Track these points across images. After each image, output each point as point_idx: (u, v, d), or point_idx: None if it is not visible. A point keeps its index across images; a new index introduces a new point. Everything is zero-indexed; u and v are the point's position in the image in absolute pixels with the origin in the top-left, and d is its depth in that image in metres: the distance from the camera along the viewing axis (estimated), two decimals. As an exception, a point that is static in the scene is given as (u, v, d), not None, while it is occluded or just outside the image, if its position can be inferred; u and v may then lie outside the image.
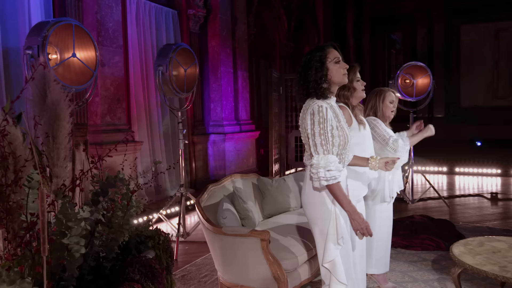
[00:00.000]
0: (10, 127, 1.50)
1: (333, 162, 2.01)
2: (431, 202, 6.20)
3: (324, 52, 2.15)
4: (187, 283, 3.39)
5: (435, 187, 6.18)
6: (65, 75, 3.24)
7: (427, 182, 6.20)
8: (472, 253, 2.78)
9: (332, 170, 1.98)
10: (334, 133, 2.07)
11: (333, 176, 1.99)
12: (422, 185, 7.49)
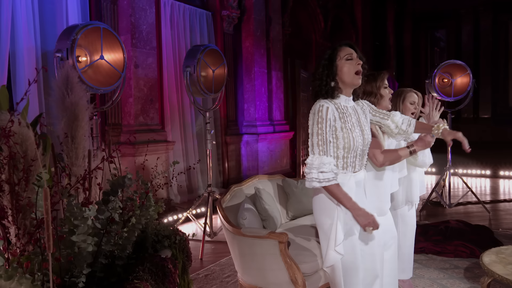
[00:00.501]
0: (22, 128, 1.56)
1: (327, 164, 1.96)
2: (471, 207, 5.93)
3: (336, 50, 2.09)
4: (209, 282, 3.41)
5: (477, 191, 5.92)
6: (94, 77, 3.35)
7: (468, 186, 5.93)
8: (504, 262, 2.63)
9: (325, 172, 1.93)
10: (338, 134, 2.01)
11: (326, 178, 1.94)
12: (462, 189, 7.18)
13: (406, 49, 17.37)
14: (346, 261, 2.03)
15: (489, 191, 7.24)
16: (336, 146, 2.03)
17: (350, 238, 2.03)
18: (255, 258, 2.73)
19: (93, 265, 1.82)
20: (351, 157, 2.05)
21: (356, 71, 2.08)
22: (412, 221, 3.17)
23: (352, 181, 2.05)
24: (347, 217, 2.00)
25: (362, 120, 2.13)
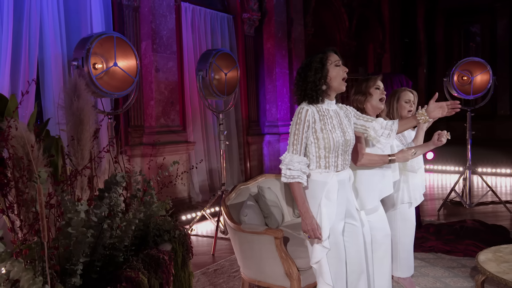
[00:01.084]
0: (25, 132, 1.76)
1: (296, 163, 2.07)
2: (492, 207, 5.81)
3: (326, 55, 2.19)
4: (218, 276, 3.57)
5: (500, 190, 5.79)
6: (110, 82, 3.58)
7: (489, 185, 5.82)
8: (499, 261, 2.64)
9: (292, 170, 2.04)
10: (319, 135, 2.12)
11: (292, 175, 2.05)
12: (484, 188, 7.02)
13: (439, 45, 16.94)
14: (331, 257, 2.13)
15: None
16: (317, 146, 2.14)
17: (334, 234, 2.13)
18: (254, 253, 2.87)
19: (93, 255, 2.02)
20: (333, 156, 2.15)
21: (343, 77, 2.18)
22: (412, 219, 3.21)
23: (334, 180, 2.15)
24: (331, 214, 2.10)
25: (345, 123, 2.22)
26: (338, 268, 2.11)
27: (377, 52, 12.87)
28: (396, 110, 3.09)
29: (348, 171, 2.25)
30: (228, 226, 3.07)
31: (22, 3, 4.58)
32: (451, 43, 17.11)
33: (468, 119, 5.75)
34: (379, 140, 2.37)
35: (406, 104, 3.04)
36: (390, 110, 3.11)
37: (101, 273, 2.02)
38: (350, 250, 2.21)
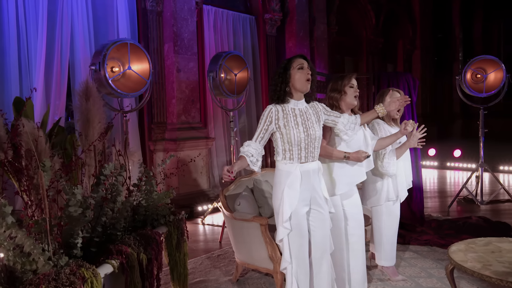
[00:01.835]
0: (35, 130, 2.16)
1: (246, 146, 2.43)
2: (505, 205, 5.82)
3: (290, 61, 2.47)
4: (220, 261, 3.91)
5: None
6: (126, 84, 3.99)
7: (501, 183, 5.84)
8: (468, 251, 2.82)
9: (244, 147, 2.41)
10: (282, 131, 2.41)
11: (243, 151, 2.41)
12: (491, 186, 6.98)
13: (476, 40, 16.47)
14: (293, 236, 2.40)
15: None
16: (282, 140, 2.43)
17: (297, 217, 2.40)
18: (244, 238, 3.18)
19: (92, 233, 2.40)
20: (295, 150, 2.43)
21: (307, 79, 2.45)
22: (396, 214, 3.41)
23: (297, 170, 2.42)
24: (293, 200, 2.38)
25: (312, 120, 2.48)
26: (300, 247, 2.39)
27: (407, 48, 12.77)
28: None
29: (315, 163, 2.51)
30: (224, 214, 3.40)
31: (55, 13, 5.09)
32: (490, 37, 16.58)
33: (481, 116, 5.79)
34: (347, 132, 2.63)
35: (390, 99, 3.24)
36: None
37: (100, 248, 2.40)
38: (315, 233, 2.48)
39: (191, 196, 6.11)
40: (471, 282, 3.25)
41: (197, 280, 3.47)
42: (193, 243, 4.57)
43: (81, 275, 1.93)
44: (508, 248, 2.85)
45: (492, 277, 2.41)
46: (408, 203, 4.88)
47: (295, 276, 2.39)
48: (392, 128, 3.31)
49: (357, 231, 2.95)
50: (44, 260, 1.93)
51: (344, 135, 2.67)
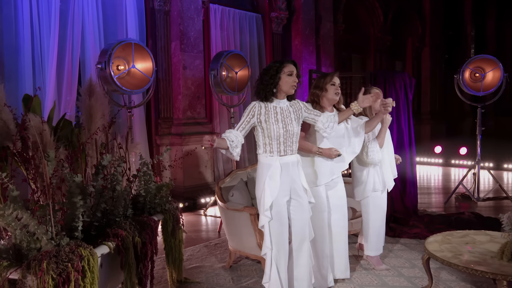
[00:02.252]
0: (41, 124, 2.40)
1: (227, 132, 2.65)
2: (501, 202, 5.93)
3: (282, 65, 2.67)
4: (216, 249, 4.15)
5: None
6: (130, 81, 4.24)
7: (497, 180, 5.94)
8: (443, 242, 2.99)
9: (226, 133, 2.62)
10: (263, 126, 2.63)
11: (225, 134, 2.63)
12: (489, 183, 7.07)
13: (489, 38, 16.34)
14: (273, 224, 2.61)
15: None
16: (263, 134, 2.64)
17: (278, 206, 2.61)
18: (236, 227, 3.41)
19: (92, 218, 2.64)
20: (275, 144, 2.63)
21: (293, 85, 2.66)
22: (383, 205, 3.59)
23: (277, 163, 2.62)
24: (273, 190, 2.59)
25: (291, 117, 2.68)
26: (279, 233, 2.60)
27: (416, 46, 12.79)
28: (368, 107, 3.47)
29: (294, 156, 2.71)
30: (218, 204, 3.62)
31: (67, 13, 5.36)
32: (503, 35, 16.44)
33: (479, 115, 5.90)
34: (325, 130, 2.82)
35: None
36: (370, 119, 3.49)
37: (99, 232, 2.64)
38: (295, 221, 2.69)
39: (195, 189, 6.35)
40: (451, 272, 3.41)
41: (193, 266, 3.71)
42: (194, 233, 4.82)
43: (79, 254, 2.17)
44: (482, 240, 3.02)
45: (459, 265, 2.58)
46: (402, 197, 5.05)
47: (275, 261, 2.60)
48: None
49: (340, 221, 3.15)
50: (47, 239, 2.18)
51: (324, 132, 2.86)
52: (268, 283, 2.62)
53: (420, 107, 13.41)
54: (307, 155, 3.08)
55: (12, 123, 2.39)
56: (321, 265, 3.09)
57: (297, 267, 2.71)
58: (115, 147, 3.23)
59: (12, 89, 4.71)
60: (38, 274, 2.03)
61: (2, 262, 2.14)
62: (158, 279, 3.42)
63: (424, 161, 10.37)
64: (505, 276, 2.43)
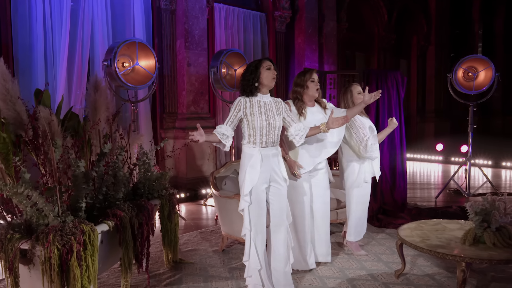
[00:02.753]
0: (49, 115, 2.71)
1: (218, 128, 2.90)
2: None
3: (260, 61, 2.94)
4: (212, 235, 4.45)
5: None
6: (135, 78, 4.55)
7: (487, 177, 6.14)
8: (416, 229, 3.25)
9: (217, 129, 2.89)
10: (248, 118, 2.89)
11: (216, 130, 2.89)
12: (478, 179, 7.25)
13: (498, 36, 16.34)
14: (252, 208, 2.89)
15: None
16: (248, 126, 2.91)
17: (257, 192, 2.88)
18: (227, 213, 3.70)
19: (94, 200, 2.95)
20: (258, 135, 2.90)
21: (273, 77, 2.92)
22: (366, 195, 3.83)
23: (258, 153, 2.89)
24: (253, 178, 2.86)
25: (273, 111, 2.94)
26: (258, 216, 2.87)
27: (421, 44, 12.92)
28: (351, 103, 3.73)
29: (275, 148, 2.97)
30: (212, 193, 3.92)
31: (78, 12, 5.69)
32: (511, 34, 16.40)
33: (470, 113, 6.10)
34: (295, 137, 3.03)
35: (359, 95, 3.67)
36: (345, 103, 3.76)
37: (101, 212, 2.95)
38: (273, 206, 2.96)
39: (197, 181, 6.65)
40: (427, 259, 3.66)
41: (189, 249, 4.02)
42: (193, 220, 5.12)
43: (81, 229, 2.48)
44: (452, 227, 3.27)
45: (424, 248, 2.84)
46: (392, 191, 5.29)
47: (253, 241, 2.88)
48: (362, 117, 3.73)
49: (322, 209, 3.42)
50: (54, 216, 2.49)
51: (292, 138, 3.07)
52: (248, 261, 2.91)
53: (424, 105, 13.54)
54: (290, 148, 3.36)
55: (25, 114, 2.70)
56: (303, 249, 3.37)
57: (275, 247, 2.99)
58: (118, 137, 3.54)
59: (25, 84, 5.05)
60: (45, 245, 2.34)
61: (15, 234, 2.46)
62: (155, 259, 3.73)
63: (424, 158, 10.56)
64: (462, 258, 2.68)
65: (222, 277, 3.36)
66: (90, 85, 3.38)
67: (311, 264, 3.43)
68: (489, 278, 3.28)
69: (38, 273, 2.44)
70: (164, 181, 3.61)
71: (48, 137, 2.64)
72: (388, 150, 5.30)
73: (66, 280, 2.39)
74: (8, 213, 2.68)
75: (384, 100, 5.20)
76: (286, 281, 3.02)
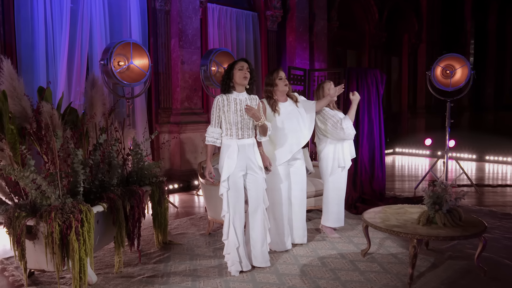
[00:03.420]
0: (51, 110, 3.08)
1: (210, 132, 3.26)
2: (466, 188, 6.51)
3: (235, 63, 3.32)
4: (200, 221, 4.82)
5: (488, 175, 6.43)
6: (130, 75, 4.91)
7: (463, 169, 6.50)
8: (380, 213, 3.61)
9: (208, 137, 3.28)
10: (226, 114, 3.26)
11: (208, 140, 3.27)
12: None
13: (490, 33, 16.61)
14: (231, 193, 3.26)
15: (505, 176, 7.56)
16: (225, 121, 3.28)
17: (234, 179, 3.25)
18: (212, 199, 4.07)
19: (91, 185, 3.32)
20: (234, 129, 3.27)
21: (244, 76, 3.29)
22: (342, 183, 4.17)
23: (235, 144, 3.26)
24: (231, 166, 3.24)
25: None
26: (236, 200, 3.25)
27: (412, 42, 13.24)
28: (322, 97, 4.08)
29: (251, 139, 3.34)
30: (199, 181, 4.29)
31: (77, 12, 6.04)
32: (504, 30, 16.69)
33: (448, 108, 6.45)
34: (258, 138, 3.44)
35: (329, 91, 4.03)
36: (317, 98, 4.11)
37: (97, 197, 3.32)
38: (250, 191, 3.34)
39: (190, 173, 7.02)
40: (394, 241, 4.04)
41: (179, 232, 4.39)
42: (184, 208, 5.50)
43: (79, 208, 2.85)
44: (413, 211, 3.63)
45: (382, 228, 3.22)
46: (370, 181, 5.66)
47: (231, 222, 3.26)
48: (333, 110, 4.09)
49: (299, 195, 3.79)
50: (55, 197, 2.86)
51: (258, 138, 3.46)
52: (227, 240, 3.29)
53: (415, 102, 13.88)
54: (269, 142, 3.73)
55: (29, 109, 3.07)
56: (280, 232, 3.75)
57: (253, 228, 3.37)
58: (113, 130, 3.91)
59: (28, 81, 5.41)
60: (48, 221, 2.72)
61: (21, 213, 2.84)
62: (147, 241, 4.10)
63: (413, 153, 10.94)
64: (413, 235, 3.05)
65: (207, 256, 3.73)
66: (88, 82, 3.75)
67: (288, 246, 3.80)
68: (446, 257, 3.65)
69: (41, 247, 2.82)
70: (155, 170, 3.99)
71: (50, 129, 3.01)
72: (368, 143, 5.67)
73: (66, 252, 2.77)
74: (15, 195, 3.05)
75: (364, 96, 5.55)
76: (263, 258, 3.41)
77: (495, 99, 16.00)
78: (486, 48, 16.29)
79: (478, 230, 3.15)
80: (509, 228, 4.48)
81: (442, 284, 3.12)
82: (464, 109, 15.49)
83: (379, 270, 3.38)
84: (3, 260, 3.67)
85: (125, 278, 3.26)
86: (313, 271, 3.37)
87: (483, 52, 16.18)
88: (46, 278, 3.24)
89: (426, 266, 3.45)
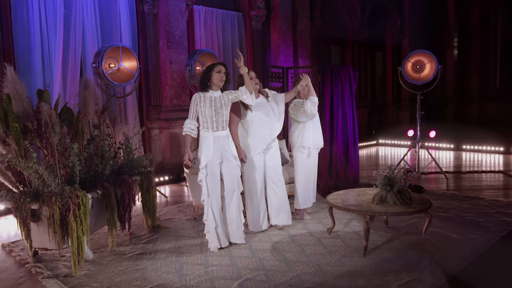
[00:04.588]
0: (50, 109, 3.53)
1: (187, 124, 3.75)
2: (437, 175, 7.01)
3: (214, 66, 3.77)
4: (187, 208, 5.29)
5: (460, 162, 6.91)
6: (119, 76, 5.35)
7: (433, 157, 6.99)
8: (342, 195, 4.09)
9: (185, 128, 3.74)
10: (202, 110, 3.72)
11: (185, 130, 3.74)
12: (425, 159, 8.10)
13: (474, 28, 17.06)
14: (209, 179, 3.73)
15: (475, 164, 8.06)
16: (201, 115, 3.75)
17: (211, 166, 3.72)
18: (195, 186, 4.54)
19: (86, 175, 3.78)
20: (209, 122, 3.74)
21: (220, 79, 3.75)
22: (310, 167, 4.63)
23: (211, 136, 3.73)
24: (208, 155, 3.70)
25: (221, 103, 3.77)
26: (213, 185, 3.72)
27: (395, 37, 13.71)
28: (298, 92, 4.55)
29: (225, 131, 3.80)
30: (184, 171, 4.76)
31: (70, 18, 6.46)
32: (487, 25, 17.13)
33: (418, 101, 6.94)
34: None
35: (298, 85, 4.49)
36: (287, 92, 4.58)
37: (91, 185, 3.78)
38: (226, 177, 3.82)
39: (180, 165, 7.46)
40: (359, 221, 4.52)
41: (167, 218, 4.87)
42: (173, 198, 5.97)
43: (76, 194, 3.31)
44: (371, 193, 4.11)
45: (339, 206, 3.70)
46: (345, 170, 6.15)
47: (210, 205, 3.74)
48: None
49: (275, 179, 4.25)
50: (55, 185, 3.32)
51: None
52: (207, 220, 3.76)
53: (400, 95, 14.37)
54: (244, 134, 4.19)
55: (31, 109, 3.52)
56: (256, 215, 4.22)
57: (228, 211, 3.85)
58: (105, 127, 4.36)
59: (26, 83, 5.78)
60: (49, 205, 3.18)
61: (26, 199, 3.29)
62: (137, 225, 4.57)
63: (395, 143, 11.44)
64: (366, 212, 3.54)
65: (191, 236, 4.21)
66: (81, 84, 4.20)
67: (264, 226, 4.28)
68: (402, 233, 4.14)
69: (44, 228, 3.29)
70: (145, 162, 4.45)
71: (49, 126, 3.46)
72: (342, 135, 6.14)
73: (66, 231, 3.23)
74: (20, 184, 3.51)
75: (338, 91, 6.03)
76: (239, 235, 3.89)
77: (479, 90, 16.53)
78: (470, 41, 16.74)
79: (423, 207, 3.64)
80: (465, 209, 4.98)
81: (393, 254, 3.61)
82: (449, 101, 16.01)
83: (340, 245, 3.86)
84: (10, 243, 4.13)
85: (117, 255, 3.73)
86: (282, 246, 3.85)
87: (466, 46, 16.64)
88: (48, 257, 3.71)
89: (382, 241, 3.93)
